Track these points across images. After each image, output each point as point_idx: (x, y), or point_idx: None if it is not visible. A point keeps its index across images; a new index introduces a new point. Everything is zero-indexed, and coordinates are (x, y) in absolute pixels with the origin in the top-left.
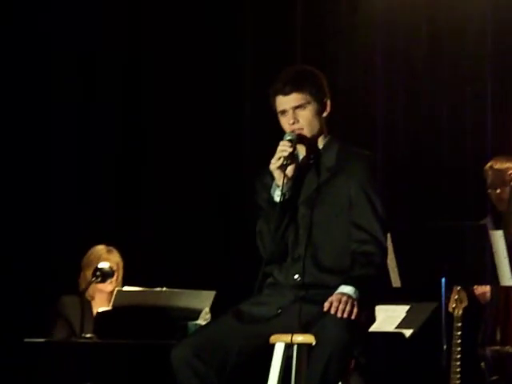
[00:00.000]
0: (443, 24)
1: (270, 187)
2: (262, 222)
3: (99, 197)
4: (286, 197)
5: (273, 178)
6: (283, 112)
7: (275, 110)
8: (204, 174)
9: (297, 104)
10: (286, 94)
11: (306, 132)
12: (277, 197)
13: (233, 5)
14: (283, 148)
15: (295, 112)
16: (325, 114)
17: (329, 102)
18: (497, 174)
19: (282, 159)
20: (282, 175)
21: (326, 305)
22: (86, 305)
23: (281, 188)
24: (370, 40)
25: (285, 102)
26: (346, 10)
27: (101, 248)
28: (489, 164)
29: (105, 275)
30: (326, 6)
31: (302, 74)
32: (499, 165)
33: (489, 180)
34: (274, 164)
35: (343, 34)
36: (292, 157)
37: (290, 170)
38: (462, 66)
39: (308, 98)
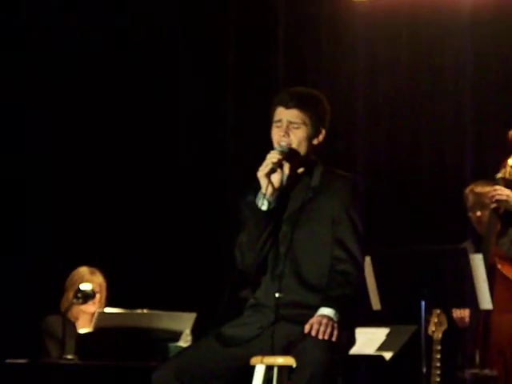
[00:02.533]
0: (424, 56)
1: (252, 203)
2: (243, 234)
3: (83, 218)
4: (271, 206)
5: (256, 195)
6: (278, 122)
7: (271, 119)
8: (187, 196)
9: (293, 120)
10: (287, 107)
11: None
12: (261, 204)
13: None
14: (273, 155)
15: (289, 127)
16: (315, 142)
17: (323, 133)
18: (477, 198)
19: (270, 165)
20: (268, 182)
21: (307, 327)
22: (70, 325)
23: (267, 196)
24: (351, 71)
25: (284, 114)
26: (327, 40)
27: (84, 269)
28: (469, 187)
29: (86, 297)
30: (307, 34)
31: (311, 97)
32: (479, 188)
33: (469, 203)
34: (262, 170)
35: (324, 62)
36: (280, 166)
37: (276, 179)
38: (442, 98)
39: (306, 120)
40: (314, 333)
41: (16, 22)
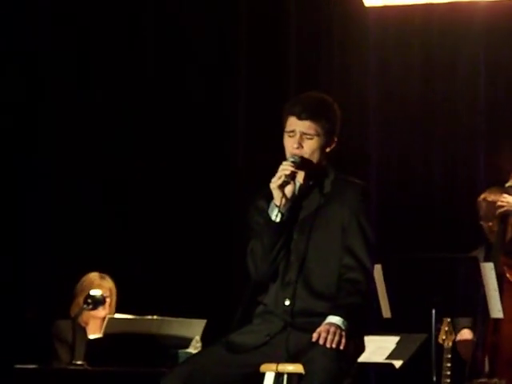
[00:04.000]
0: (436, 64)
1: (264, 210)
2: (255, 242)
3: (94, 223)
4: (284, 217)
5: (267, 202)
6: (291, 132)
7: (283, 127)
8: (198, 202)
9: (307, 131)
10: (300, 118)
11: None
12: (274, 216)
13: (227, 30)
14: (285, 167)
15: (302, 138)
16: (328, 150)
17: (335, 140)
18: (490, 207)
19: (282, 178)
20: (281, 195)
21: (315, 335)
22: (80, 331)
23: (279, 208)
24: (363, 79)
25: (296, 125)
26: (339, 47)
27: (94, 275)
28: (482, 196)
29: (96, 302)
30: (319, 43)
31: (323, 106)
32: (493, 197)
33: (481, 212)
34: (275, 182)
35: (336, 68)
36: (293, 178)
37: (288, 190)
38: (455, 105)
39: (319, 130)
40: (321, 341)
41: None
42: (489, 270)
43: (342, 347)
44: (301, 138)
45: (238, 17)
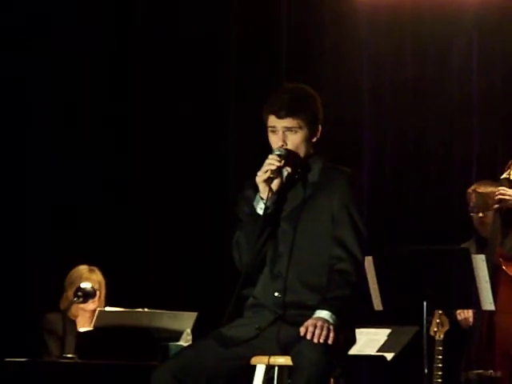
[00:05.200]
0: (428, 54)
1: (252, 200)
2: (240, 233)
3: (83, 216)
4: (269, 210)
5: (255, 192)
6: (273, 129)
7: (265, 123)
8: (187, 194)
9: (289, 126)
10: (279, 117)
11: None
12: (259, 209)
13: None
14: (271, 161)
15: (285, 134)
16: (314, 140)
17: (320, 128)
18: (480, 198)
19: (268, 172)
20: (267, 188)
21: (302, 330)
22: (70, 324)
23: (265, 201)
24: (356, 70)
25: (277, 122)
26: (330, 39)
27: (83, 268)
28: (472, 187)
29: (86, 295)
30: (311, 35)
31: (300, 99)
32: (483, 188)
33: (471, 203)
34: (261, 176)
35: (329, 62)
36: (279, 171)
37: (275, 183)
38: (447, 95)
39: (301, 123)
40: (309, 336)
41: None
42: (480, 262)
43: (330, 341)
44: (284, 134)
45: (230, 6)
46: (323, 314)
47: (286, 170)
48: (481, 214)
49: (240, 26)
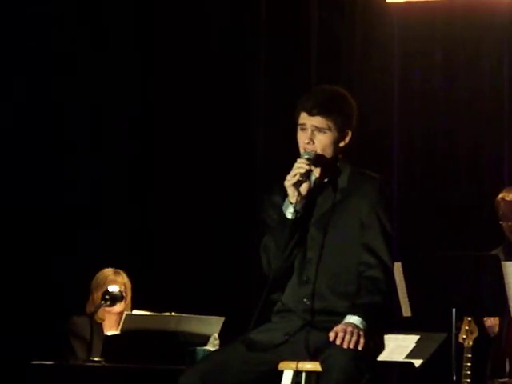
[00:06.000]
0: (459, 58)
1: (279, 205)
2: (269, 238)
3: (109, 218)
4: (299, 215)
5: (282, 197)
6: (303, 126)
7: (296, 121)
8: (213, 197)
9: (318, 126)
10: (311, 114)
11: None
12: (289, 214)
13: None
14: (300, 165)
15: (313, 133)
16: (342, 144)
17: (350, 134)
18: (509, 206)
19: (297, 176)
20: (296, 192)
21: (332, 335)
22: (97, 327)
23: (294, 205)
24: (386, 75)
25: (308, 119)
26: (361, 43)
27: (108, 271)
28: (500, 195)
29: (114, 299)
30: (342, 39)
31: (335, 100)
32: (511, 196)
33: (500, 211)
34: (290, 180)
35: (359, 66)
36: (308, 175)
37: (304, 188)
38: (479, 100)
39: (330, 125)
40: (338, 341)
41: None
42: (510, 269)
43: (360, 347)
44: (312, 133)
45: (259, 10)
46: (353, 319)
47: (314, 175)
48: (510, 223)
49: (270, 32)
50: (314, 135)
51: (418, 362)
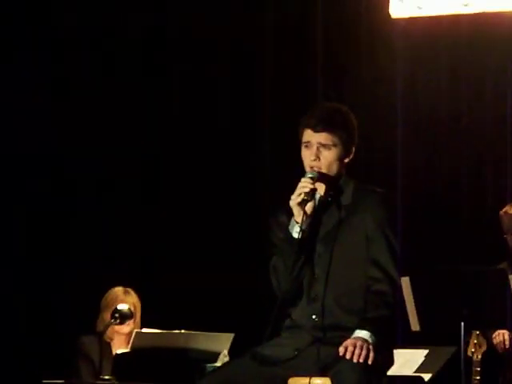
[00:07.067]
0: (464, 74)
1: (285, 226)
2: (277, 259)
3: (119, 237)
4: (305, 234)
5: (288, 217)
6: (307, 144)
7: (300, 140)
8: (221, 214)
9: (324, 142)
10: (316, 130)
11: (324, 171)
12: (295, 233)
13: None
14: (304, 184)
15: (319, 149)
16: (346, 160)
17: (353, 149)
18: (511, 220)
19: (302, 195)
20: (302, 212)
21: (341, 349)
22: (106, 346)
23: (300, 224)
24: (390, 90)
25: (312, 136)
26: (366, 59)
27: (118, 289)
28: (504, 209)
29: (123, 317)
30: (346, 55)
31: (339, 117)
32: None
33: (504, 226)
34: (294, 200)
35: (364, 82)
36: (312, 194)
37: (309, 206)
38: (482, 119)
39: (336, 140)
40: (348, 355)
41: None
42: None
43: (369, 361)
44: (318, 149)
45: (263, 27)
46: (363, 333)
47: (319, 193)
48: None
49: (274, 48)
50: (320, 152)
51: (427, 376)
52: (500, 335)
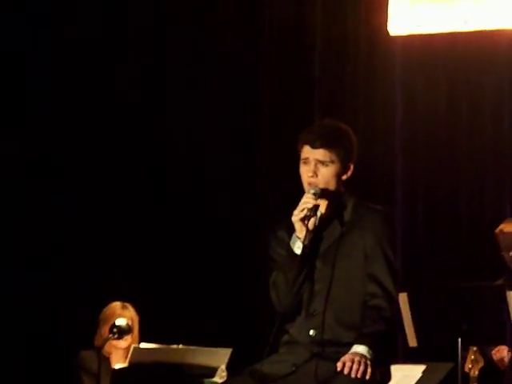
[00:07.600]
0: (461, 92)
1: (285, 241)
2: (277, 274)
3: (115, 253)
4: (306, 249)
5: (287, 232)
6: (306, 160)
7: (299, 155)
8: (220, 230)
9: (321, 159)
10: (314, 147)
11: (322, 187)
12: (297, 249)
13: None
14: (307, 200)
15: (317, 166)
16: (344, 177)
17: (352, 167)
18: (507, 238)
19: (305, 211)
20: (304, 227)
21: (339, 365)
22: (104, 361)
23: (302, 240)
24: (389, 108)
25: (310, 153)
26: (364, 76)
27: (116, 304)
28: (499, 227)
29: (121, 332)
30: (344, 72)
31: (337, 134)
32: (509, 228)
33: (500, 243)
34: (297, 216)
35: (362, 99)
36: (315, 210)
37: (311, 222)
38: (480, 132)
39: (334, 157)
40: (346, 371)
41: None
42: None
43: (367, 377)
44: (315, 166)
45: (262, 43)
46: (360, 348)
47: (319, 210)
48: (511, 253)
49: (272, 63)
50: (318, 168)
51: None
52: (500, 351)
